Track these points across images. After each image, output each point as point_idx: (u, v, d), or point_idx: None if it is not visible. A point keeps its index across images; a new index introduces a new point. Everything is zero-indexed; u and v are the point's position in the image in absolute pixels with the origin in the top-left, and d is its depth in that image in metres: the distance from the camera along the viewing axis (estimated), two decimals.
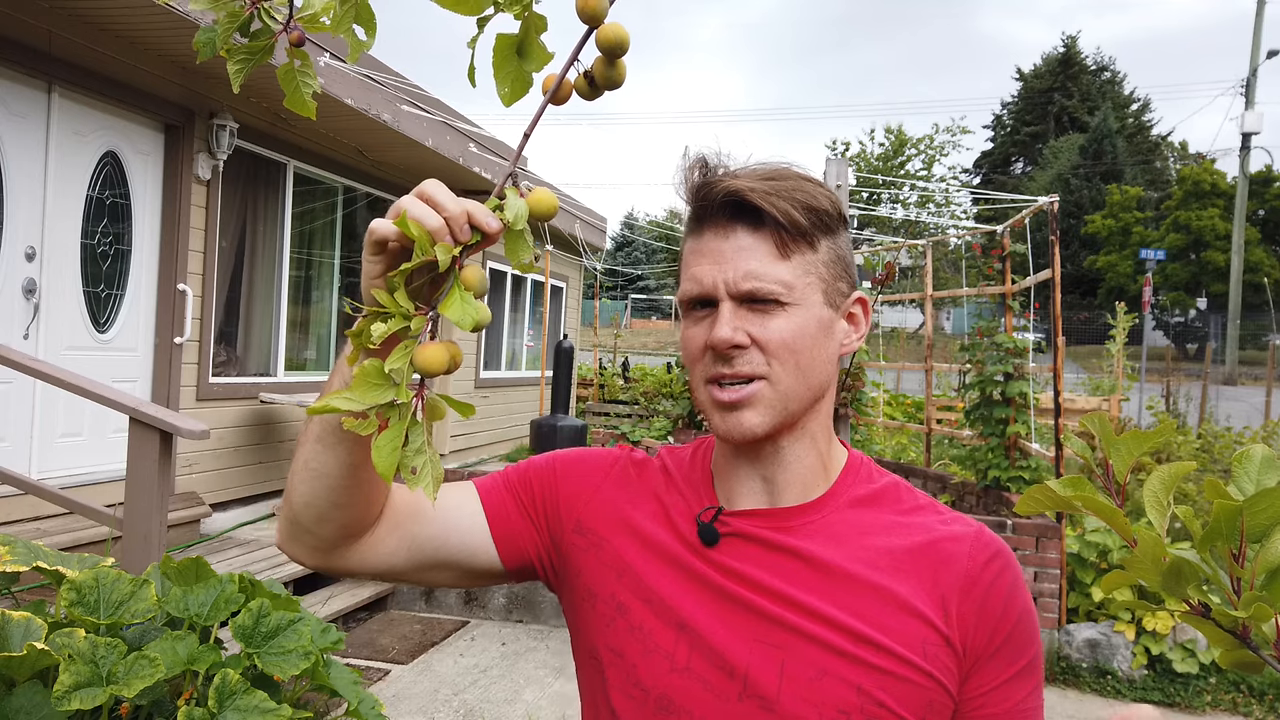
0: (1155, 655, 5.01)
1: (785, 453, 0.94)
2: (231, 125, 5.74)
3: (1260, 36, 25.16)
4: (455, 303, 0.69)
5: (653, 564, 0.96)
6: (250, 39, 0.85)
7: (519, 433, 10.85)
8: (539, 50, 0.74)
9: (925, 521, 0.94)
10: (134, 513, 3.52)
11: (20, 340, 4.73)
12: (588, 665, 0.99)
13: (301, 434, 0.90)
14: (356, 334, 0.71)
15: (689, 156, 0.94)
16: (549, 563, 1.03)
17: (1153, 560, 0.53)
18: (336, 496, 0.89)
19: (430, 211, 0.73)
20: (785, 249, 0.89)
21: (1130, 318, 11.23)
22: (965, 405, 6.92)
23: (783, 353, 0.89)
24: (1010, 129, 51.37)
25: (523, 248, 0.74)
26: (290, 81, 0.88)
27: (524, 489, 1.03)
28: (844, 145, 41.00)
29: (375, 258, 0.77)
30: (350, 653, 4.73)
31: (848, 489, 0.96)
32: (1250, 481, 0.54)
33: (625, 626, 0.94)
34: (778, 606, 0.90)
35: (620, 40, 0.73)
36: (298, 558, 0.96)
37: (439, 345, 0.69)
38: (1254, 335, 32.87)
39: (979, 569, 0.90)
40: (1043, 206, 5.90)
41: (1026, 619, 0.91)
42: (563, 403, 8.55)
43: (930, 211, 37.71)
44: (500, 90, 0.75)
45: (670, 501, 0.99)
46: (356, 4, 0.79)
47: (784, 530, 0.93)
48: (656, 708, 0.91)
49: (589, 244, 11.52)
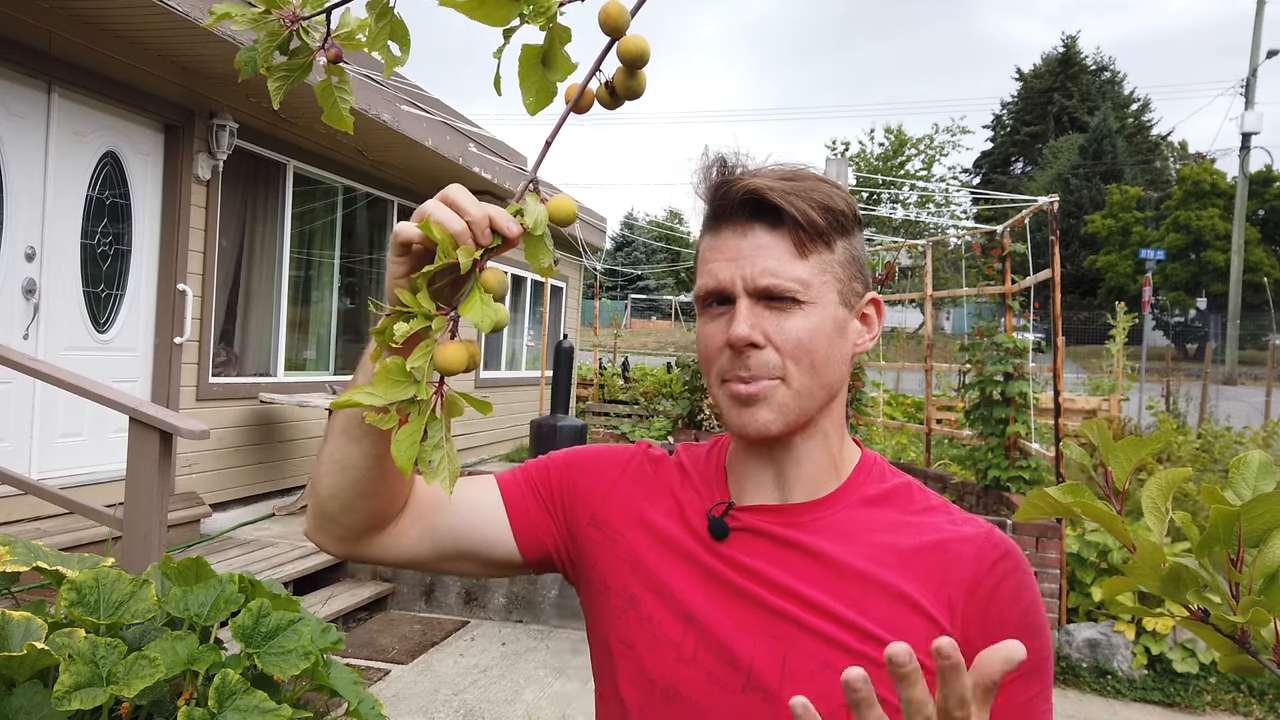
0: (1155, 655, 5.01)
1: (798, 450, 0.95)
2: (231, 125, 5.74)
3: (1260, 36, 25.17)
4: (476, 304, 0.71)
5: (664, 558, 0.97)
6: (289, 57, 0.87)
7: (519, 433, 10.85)
8: (563, 60, 0.76)
9: (936, 522, 0.94)
10: (134, 513, 3.52)
11: (20, 340, 4.73)
12: (601, 656, 1.01)
13: (327, 428, 0.94)
14: (380, 331, 0.74)
15: (708, 155, 0.95)
16: (566, 555, 1.05)
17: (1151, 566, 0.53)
18: (361, 487, 0.93)
19: (453, 215, 0.76)
20: (803, 248, 0.90)
21: (1130, 318, 11.24)
22: (965, 405, 6.92)
23: (799, 353, 0.90)
24: (1010, 129, 51.38)
25: (543, 252, 0.76)
26: (328, 98, 0.91)
27: (543, 483, 1.06)
28: (844, 145, 41.00)
29: (400, 259, 0.80)
30: (350, 653, 4.73)
31: (859, 487, 0.97)
32: (1247, 487, 0.55)
33: (636, 618, 0.96)
34: (783, 600, 0.91)
35: (641, 52, 0.75)
36: (325, 546, 1.00)
37: (459, 345, 0.71)
38: (1254, 335, 32.88)
39: (986, 569, 0.90)
40: (1042, 206, 5.91)
41: (1033, 617, 0.90)
42: (563, 403, 8.55)
43: (930, 211, 37.71)
44: (525, 100, 0.77)
45: (685, 497, 1.01)
46: (391, 21, 0.80)
47: (793, 526, 0.94)
48: (663, 698, 0.92)
49: (589, 244, 11.53)
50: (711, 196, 0.94)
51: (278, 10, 0.84)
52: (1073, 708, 4.71)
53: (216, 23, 0.85)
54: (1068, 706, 4.71)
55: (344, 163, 7.21)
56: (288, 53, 0.86)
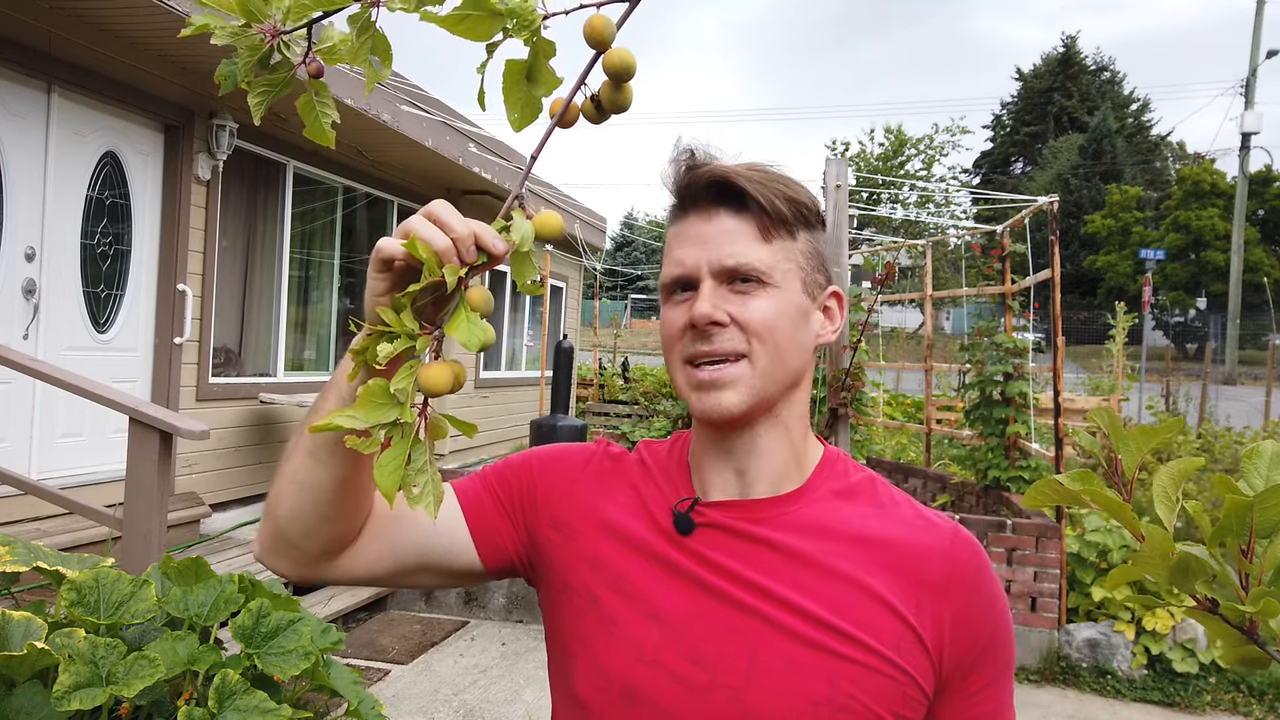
0: (1155, 655, 5.01)
1: (759, 441, 0.95)
2: (231, 125, 5.74)
3: (1260, 36, 25.17)
4: (462, 323, 0.70)
5: (627, 555, 0.96)
6: (270, 71, 0.86)
7: (519, 433, 10.85)
8: (548, 75, 0.76)
9: (902, 516, 0.95)
10: (134, 513, 3.51)
11: (20, 340, 4.72)
12: (559, 658, 0.99)
13: (290, 446, 0.90)
14: (360, 351, 0.72)
15: (678, 147, 0.95)
16: (527, 558, 1.03)
17: (1160, 555, 0.53)
18: (325, 510, 0.89)
19: (438, 232, 0.74)
20: (767, 233, 0.91)
21: (1130, 318, 11.24)
22: (965, 405, 6.92)
23: (762, 331, 0.90)
24: (1010, 129, 51.38)
25: (529, 269, 0.75)
26: (310, 112, 0.90)
27: (501, 487, 1.04)
28: (844, 145, 41.02)
29: (381, 275, 0.78)
30: (350, 653, 4.73)
31: (824, 482, 0.97)
32: (1260, 478, 0.54)
33: (596, 618, 0.95)
34: (751, 596, 0.90)
35: (627, 65, 0.75)
36: (280, 571, 0.96)
37: (443, 365, 0.70)
38: (1254, 335, 32.89)
39: (954, 566, 0.91)
40: (1042, 206, 5.90)
41: (1005, 621, 0.93)
42: (562, 403, 8.54)
43: (930, 211, 37.71)
44: (510, 116, 0.77)
45: (647, 493, 0.99)
46: (373, 36, 0.80)
47: (760, 521, 0.94)
48: (621, 697, 0.91)
49: (589, 244, 11.52)
50: (678, 184, 0.94)
51: (258, 24, 0.82)
52: (1073, 708, 4.70)
53: (195, 33, 0.83)
54: (1068, 706, 4.71)
55: (344, 163, 7.20)
56: (268, 67, 0.85)
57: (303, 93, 0.90)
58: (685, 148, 0.94)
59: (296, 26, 0.82)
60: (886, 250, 8.80)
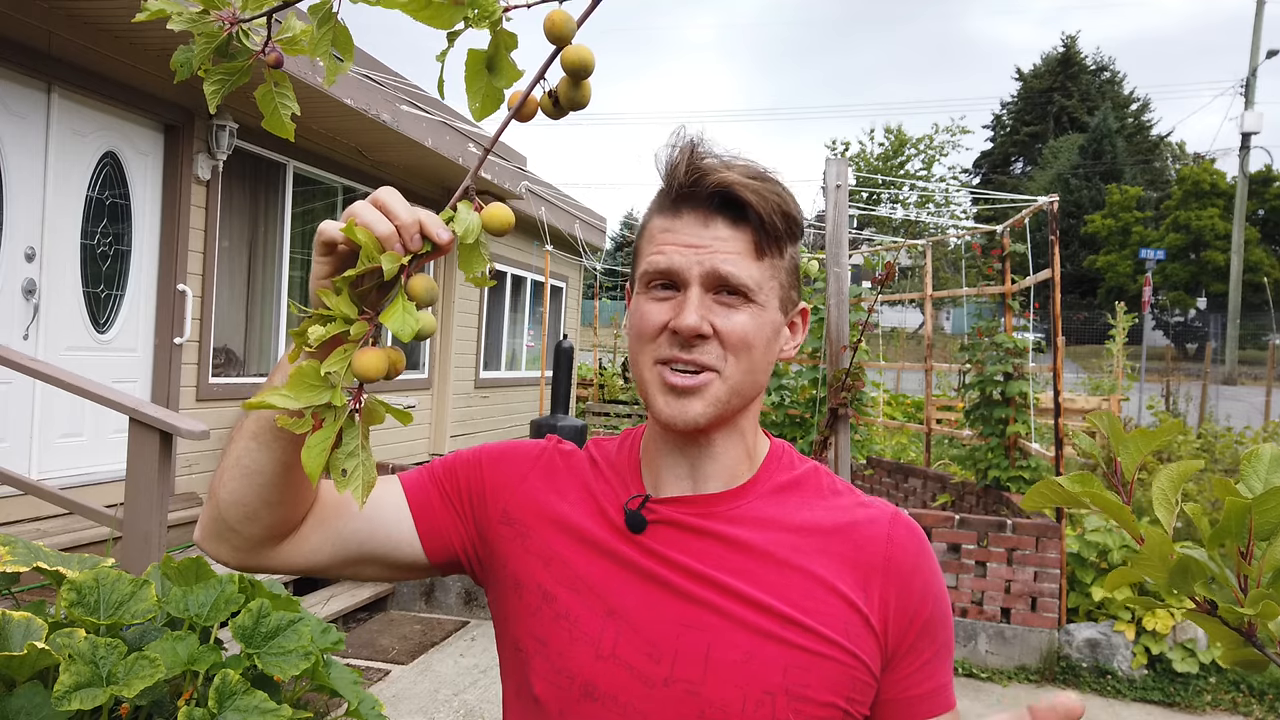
0: (1155, 655, 5.01)
1: (715, 446, 0.96)
2: (231, 125, 5.74)
3: (1260, 36, 25.17)
4: (398, 312, 0.69)
5: (581, 552, 0.96)
6: (228, 60, 0.85)
7: (519, 433, 10.85)
8: (509, 67, 0.76)
9: (844, 504, 0.97)
10: (134, 513, 3.51)
11: (20, 340, 4.72)
12: (512, 656, 0.99)
13: (235, 430, 0.90)
14: (299, 334, 0.71)
15: (680, 136, 0.94)
16: (475, 554, 1.03)
17: (1160, 557, 0.53)
18: (268, 495, 0.89)
19: (381, 218, 0.74)
20: (760, 251, 0.92)
21: (1130, 317, 11.25)
22: (965, 405, 6.93)
23: (739, 347, 0.91)
24: (1010, 129, 51.37)
25: (476, 261, 0.74)
26: (269, 103, 0.89)
27: (449, 481, 1.04)
28: (844, 145, 41.02)
29: (324, 258, 0.78)
30: (350, 653, 4.73)
31: (771, 476, 0.98)
32: (1259, 480, 0.55)
33: (551, 615, 0.95)
34: (704, 590, 0.91)
35: (585, 62, 0.75)
36: (220, 557, 0.96)
37: (378, 352, 0.69)
38: (1254, 335, 32.89)
39: (896, 548, 0.94)
40: (1042, 206, 5.91)
41: (944, 600, 0.95)
42: (562, 403, 8.54)
43: (930, 211, 37.70)
44: (472, 105, 0.77)
45: (599, 490, 1.00)
46: (334, 28, 0.79)
47: (710, 516, 0.95)
48: (581, 694, 0.91)
49: (589, 244, 11.52)
50: (678, 179, 0.93)
51: (216, 11, 0.81)
52: None
53: (151, 19, 0.82)
54: None
55: (344, 163, 7.21)
56: (226, 55, 0.84)
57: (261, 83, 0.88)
58: (688, 140, 0.94)
59: (255, 15, 0.81)
60: (886, 250, 8.80)
